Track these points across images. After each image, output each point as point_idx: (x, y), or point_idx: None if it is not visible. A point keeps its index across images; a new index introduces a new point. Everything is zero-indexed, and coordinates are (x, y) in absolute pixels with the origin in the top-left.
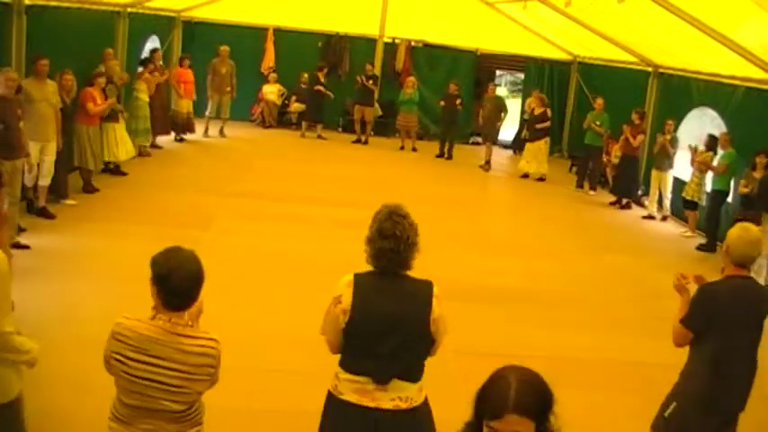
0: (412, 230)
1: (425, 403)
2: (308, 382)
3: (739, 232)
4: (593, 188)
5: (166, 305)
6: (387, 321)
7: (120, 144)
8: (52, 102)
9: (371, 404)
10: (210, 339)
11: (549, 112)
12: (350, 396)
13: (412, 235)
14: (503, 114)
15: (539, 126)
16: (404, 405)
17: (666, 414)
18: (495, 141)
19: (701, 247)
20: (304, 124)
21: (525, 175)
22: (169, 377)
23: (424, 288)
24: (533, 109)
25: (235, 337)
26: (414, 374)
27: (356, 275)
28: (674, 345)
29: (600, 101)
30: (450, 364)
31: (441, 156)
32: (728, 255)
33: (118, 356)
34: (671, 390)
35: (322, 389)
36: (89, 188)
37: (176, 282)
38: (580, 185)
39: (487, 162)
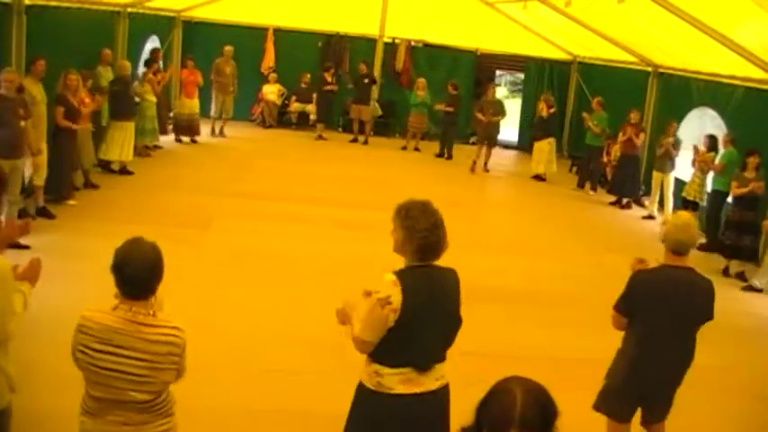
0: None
1: None
2: (308, 382)
3: (674, 220)
4: (593, 188)
5: (124, 294)
6: (434, 313)
7: (127, 145)
8: (44, 102)
9: (419, 389)
10: (173, 328)
11: (556, 112)
12: (399, 388)
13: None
14: (501, 117)
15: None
16: (444, 381)
17: (600, 391)
18: (495, 144)
19: (700, 247)
20: (319, 126)
21: (537, 176)
22: (133, 367)
23: (452, 274)
24: (541, 110)
25: (235, 337)
26: (445, 354)
27: (398, 274)
28: (613, 328)
29: (596, 100)
30: (450, 364)
31: (441, 155)
32: (664, 243)
33: (83, 348)
34: (608, 369)
35: (322, 389)
36: (89, 185)
37: (130, 271)
38: (581, 185)
39: (485, 164)
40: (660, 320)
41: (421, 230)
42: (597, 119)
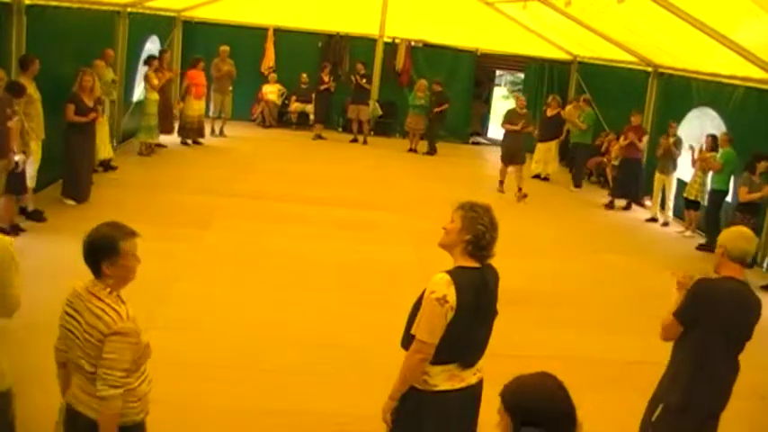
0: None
1: None
2: (307, 382)
3: (734, 230)
4: (577, 185)
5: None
6: (481, 310)
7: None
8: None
9: (462, 384)
10: (114, 310)
11: (562, 113)
12: (445, 385)
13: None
14: (534, 130)
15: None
16: (479, 376)
17: (653, 419)
18: (524, 161)
19: (700, 247)
20: (317, 126)
21: (537, 176)
22: (78, 331)
23: (494, 272)
24: (546, 110)
25: (235, 337)
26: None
27: (451, 273)
28: (661, 338)
29: (583, 97)
30: None
31: (431, 152)
32: (726, 253)
33: (64, 308)
34: (655, 392)
35: (322, 389)
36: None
37: (83, 250)
38: (578, 185)
39: (520, 189)
40: (722, 334)
41: (482, 224)
42: (584, 116)
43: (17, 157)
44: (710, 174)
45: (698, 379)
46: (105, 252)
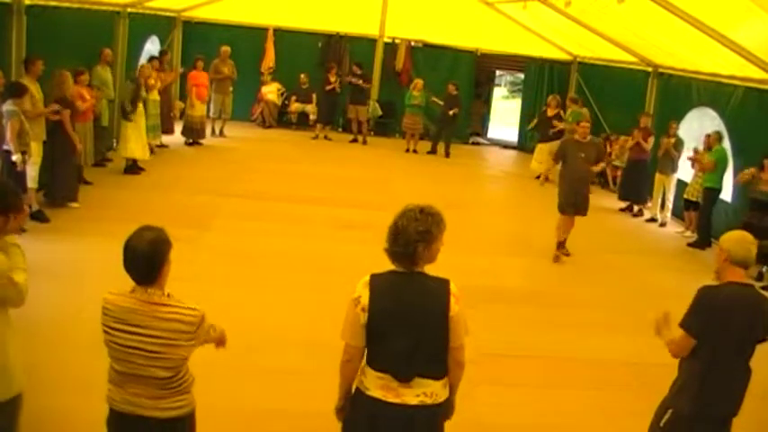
0: (438, 228)
1: (449, 401)
2: (307, 382)
3: (736, 235)
4: None
5: (134, 280)
6: (403, 319)
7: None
8: (41, 101)
9: (397, 400)
10: (188, 308)
11: (562, 113)
12: (376, 392)
13: (435, 232)
14: (601, 168)
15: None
16: (429, 401)
17: (662, 423)
18: (587, 210)
19: (691, 244)
20: (318, 126)
21: (539, 176)
22: (148, 344)
23: (441, 286)
24: (545, 110)
25: (234, 337)
26: (437, 371)
27: (372, 276)
28: (672, 356)
29: (570, 96)
30: None
31: (432, 152)
32: (729, 257)
33: (105, 328)
34: (665, 398)
35: (322, 389)
36: (83, 181)
37: (128, 259)
38: None
39: (561, 244)
40: (731, 342)
41: (396, 225)
42: (572, 115)
43: (14, 157)
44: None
45: (709, 387)
46: (165, 257)
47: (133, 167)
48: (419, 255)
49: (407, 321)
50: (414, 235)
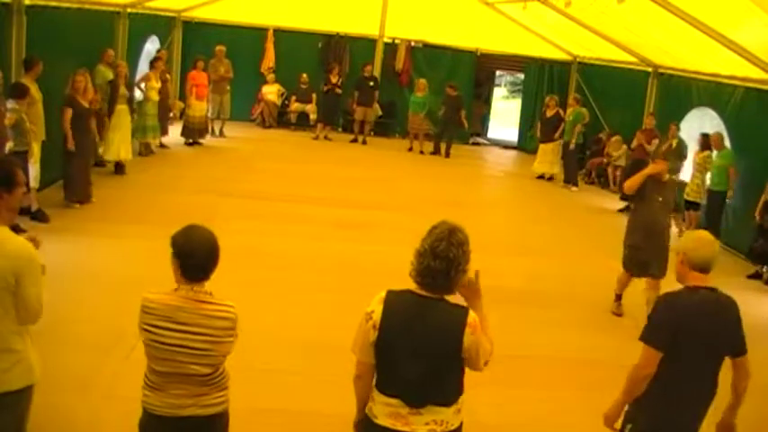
0: (465, 257)
1: (460, 428)
2: (307, 382)
3: (695, 236)
4: (568, 181)
5: (189, 278)
6: (414, 345)
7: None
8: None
9: (406, 429)
10: (229, 306)
11: (561, 113)
12: (384, 420)
13: (463, 262)
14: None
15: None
16: (439, 429)
17: None
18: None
19: None
20: (319, 126)
21: (541, 177)
22: (196, 341)
23: (458, 315)
24: (545, 111)
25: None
26: (448, 398)
27: (389, 293)
28: (638, 378)
29: (573, 96)
30: None
31: (435, 152)
32: (687, 262)
33: (146, 327)
34: (627, 409)
35: (321, 389)
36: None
37: (195, 258)
38: (574, 183)
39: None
40: (696, 352)
41: (422, 248)
42: (573, 115)
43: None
44: (708, 174)
45: (669, 403)
46: (218, 256)
47: (118, 168)
48: (446, 286)
49: (417, 351)
50: (463, 262)
